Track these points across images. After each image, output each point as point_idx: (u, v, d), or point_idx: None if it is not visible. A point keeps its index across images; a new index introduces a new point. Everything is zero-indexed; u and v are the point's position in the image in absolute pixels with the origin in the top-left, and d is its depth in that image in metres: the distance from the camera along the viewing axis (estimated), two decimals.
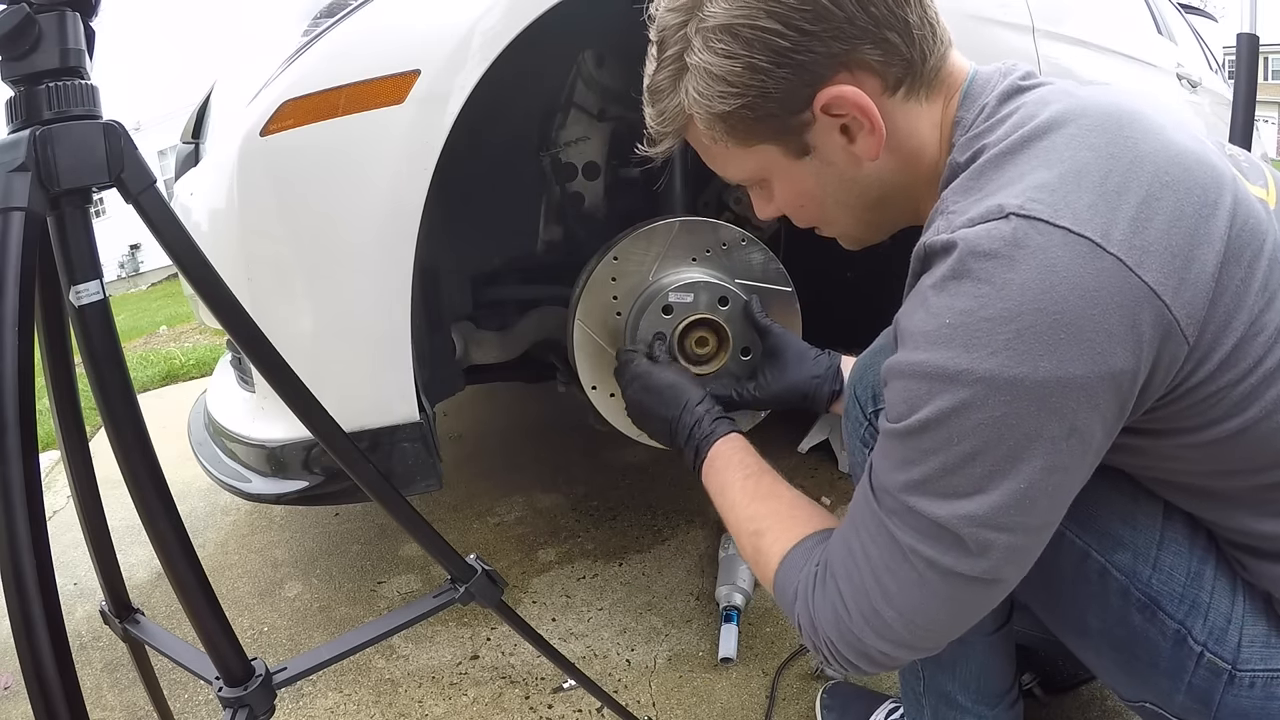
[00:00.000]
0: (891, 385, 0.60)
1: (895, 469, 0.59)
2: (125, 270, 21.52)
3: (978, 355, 0.53)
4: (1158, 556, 0.68)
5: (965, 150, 0.62)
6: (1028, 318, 0.52)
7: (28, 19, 0.54)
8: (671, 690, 1.20)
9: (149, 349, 4.80)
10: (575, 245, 1.42)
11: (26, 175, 0.55)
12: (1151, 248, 0.52)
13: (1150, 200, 0.54)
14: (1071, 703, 1.10)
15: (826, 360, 1.00)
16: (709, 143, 0.69)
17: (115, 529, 0.80)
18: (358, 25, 1.03)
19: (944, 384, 0.54)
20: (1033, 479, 0.54)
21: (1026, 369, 0.52)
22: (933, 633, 0.61)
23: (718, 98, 0.64)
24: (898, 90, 0.64)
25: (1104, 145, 0.56)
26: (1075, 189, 0.54)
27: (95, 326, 0.61)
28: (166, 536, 0.65)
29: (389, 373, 1.07)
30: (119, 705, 1.26)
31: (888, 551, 0.59)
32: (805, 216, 0.74)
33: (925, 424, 0.56)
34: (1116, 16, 1.88)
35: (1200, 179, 0.56)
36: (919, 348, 0.56)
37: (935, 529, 0.56)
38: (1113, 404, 0.54)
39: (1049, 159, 0.56)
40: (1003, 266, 0.52)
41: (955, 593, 0.58)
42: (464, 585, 0.84)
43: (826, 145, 0.66)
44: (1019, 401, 0.52)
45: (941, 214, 0.60)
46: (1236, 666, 0.65)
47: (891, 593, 0.59)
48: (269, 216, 1.02)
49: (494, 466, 2.11)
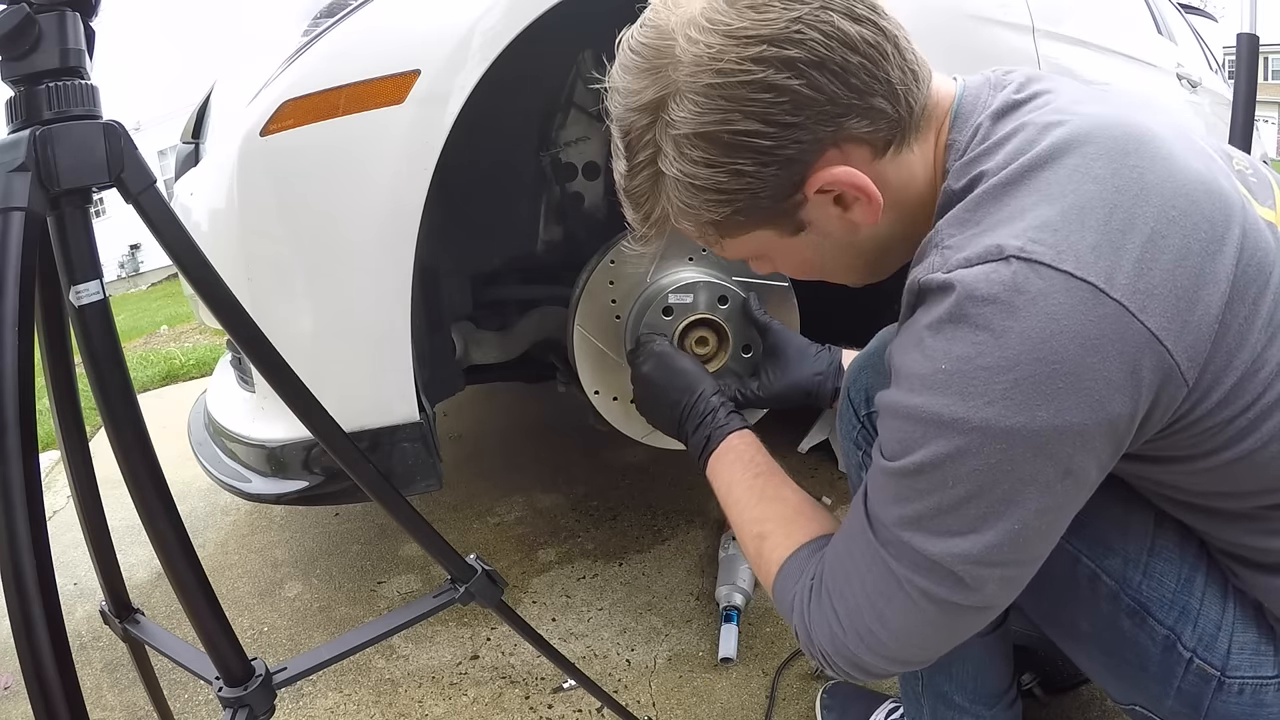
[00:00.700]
0: (886, 423, 0.59)
1: (890, 503, 0.58)
2: (125, 270, 21.52)
3: (974, 404, 0.52)
4: (1148, 563, 0.67)
5: (961, 176, 0.59)
6: (1026, 367, 0.50)
7: (28, 19, 0.54)
8: (671, 690, 1.20)
9: (149, 349, 4.80)
10: (575, 245, 1.42)
11: (26, 175, 0.55)
12: (1156, 291, 0.51)
13: (1155, 239, 0.52)
14: (1071, 703, 1.10)
15: (828, 356, 1.00)
16: (700, 238, 0.68)
17: (115, 529, 0.80)
18: (358, 25, 1.03)
19: (939, 430, 0.54)
20: (1026, 520, 0.54)
21: (1023, 418, 0.51)
22: (925, 650, 0.62)
23: (705, 208, 0.61)
24: (887, 150, 0.61)
25: (1109, 176, 0.53)
26: (1079, 228, 0.52)
27: (95, 326, 0.61)
28: (166, 536, 0.65)
29: (389, 373, 1.07)
30: (119, 705, 1.26)
31: (882, 579, 0.59)
32: (808, 276, 0.73)
33: (920, 467, 0.55)
34: (1116, 16, 1.88)
35: (1208, 212, 0.53)
36: (914, 390, 0.55)
37: (929, 564, 0.56)
38: (1108, 446, 0.54)
39: (1051, 192, 0.53)
40: (1002, 313, 0.51)
41: (948, 619, 0.58)
42: (464, 585, 0.84)
43: (821, 219, 0.64)
44: (1015, 449, 0.52)
45: (936, 248, 0.57)
46: (1225, 673, 0.65)
47: (885, 616, 0.59)
48: (269, 216, 1.02)
49: (494, 466, 2.11)
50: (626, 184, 0.65)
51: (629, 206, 0.67)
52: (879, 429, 0.60)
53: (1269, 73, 25.85)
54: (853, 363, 0.89)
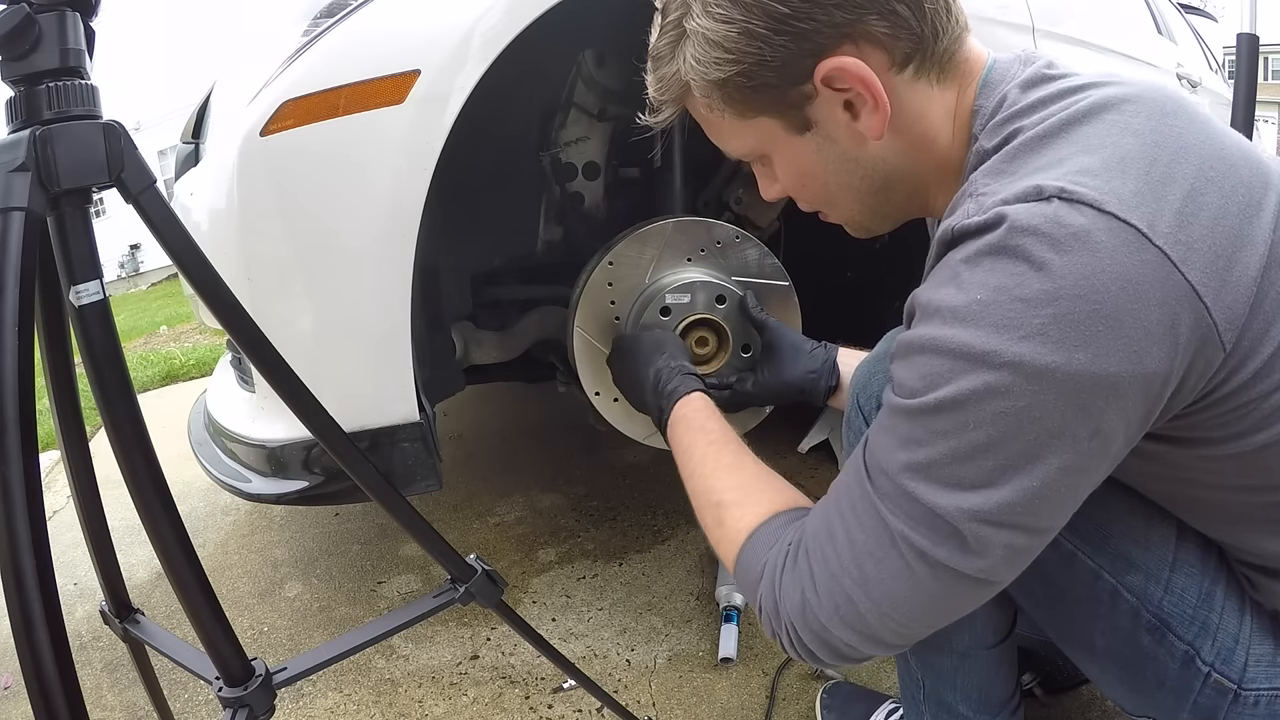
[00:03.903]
0: (907, 360, 0.55)
1: (898, 448, 0.54)
2: (125, 270, 21.52)
3: (1009, 338, 0.48)
4: (1170, 578, 0.66)
5: (994, 135, 0.58)
6: (1066, 303, 0.47)
7: (28, 19, 0.54)
8: (671, 690, 1.20)
9: (149, 349, 4.81)
10: (575, 245, 1.42)
11: (26, 175, 0.55)
12: (1196, 244, 0.49)
13: (1194, 194, 0.50)
14: (1071, 703, 1.10)
15: (823, 354, 0.99)
16: (707, 113, 0.66)
17: (115, 529, 0.80)
18: (358, 25, 1.03)
19: (968, 364, 0.50)
20: (1047, 478, 0.50)
21: (1060, 358, 0.48)
22: (906, 629, 0.57)
23: (713, 64, 0.61)
24: (906, 67, 0.60)
25: (1148, 132, 0.52)
26: (1120, 175, 0.50)
27: (95, 326, 0.61)
28: (166, 536, 0.65)
29: (389, 373, 1.07)
30: (119, 705, 1.26)
31: (874, 535, 0.55)
32: (808, 197, 0.71)
33: (941, 404, 0.51)
34: (1116, 16, 1.88)
35: (1245, 177, 0.52)
36: (945, 322, 0.52)
37: (932, 518, 0.52)
38: (1140, 407, 0.51)
39: (1090, 144, 0.52)
40: (1044, 245, 0.48)
41: (942, 588, 0.54)
42: (464, 585, 0.84)
43: (829, 121, 0.62)
44: (1046, 393, 0.48)
45: (970, 196, 0.56)
46: (1242, 686, 0.65)
47: (871, 581, 0.55)
48: (269, 216, 1.02)
49: (494, 466, 2.11)
50: (653, 46, 0.66)
51: (650, 70, 0.68)
52: (894, 371, 0.56)
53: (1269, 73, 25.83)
54: (860, 367, 0.87)
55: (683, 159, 1.30)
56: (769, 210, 1.46)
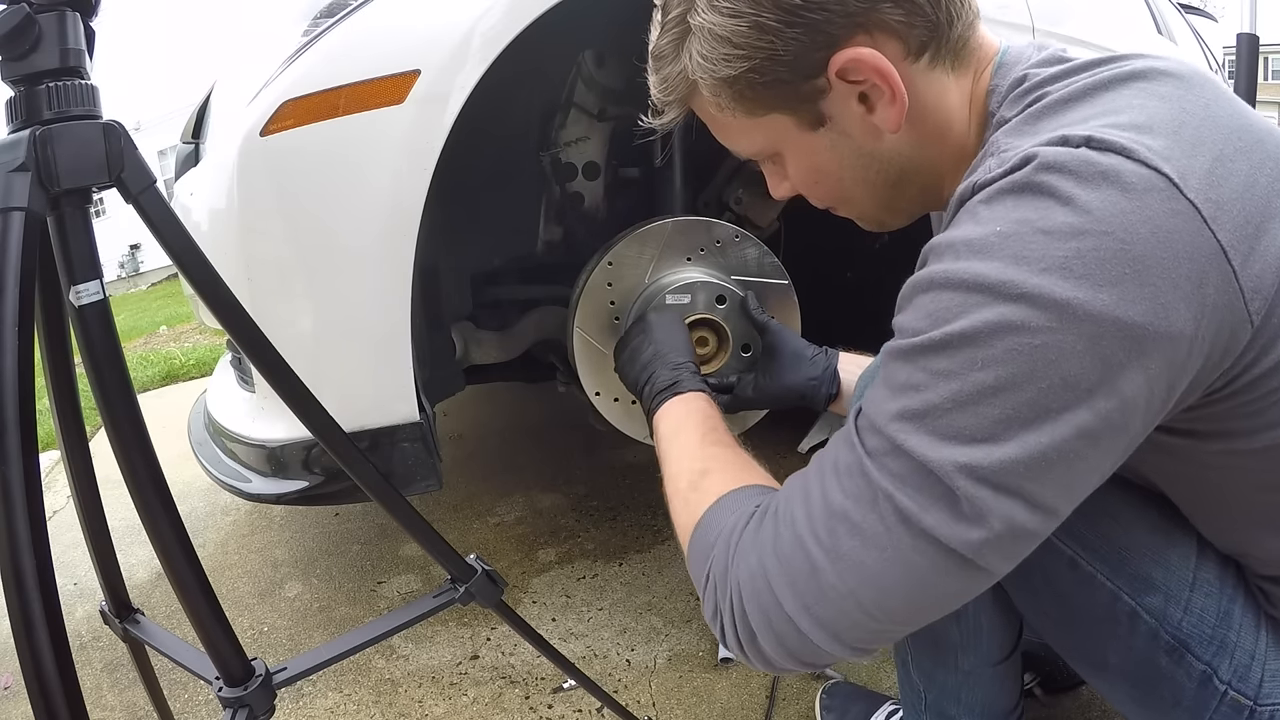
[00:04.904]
0: (911, 303, 0.50)
1: (892, 396, 0.49)
2: (125, 270, 21.52)
3: (1027, 269, 0.45)
4: (1190, 599, 0.64)
5: (1016, 104, 0.56)
6: (1092, 238, 0.44)
7: (28, 19, 0.54)
8: (671, 690, 1.20)
9: (149, 349, 4.81)
10: (575, 245, 1.42)
11: (26, 175, 0.55)
12: (1226, 205, 0.46)
13: (1224, 159, 0.48)
14: (1071, 703, 1.10)
15: (824, 360, 0.99)
16: (715, 112, 0.64)
17: (115, 529, 0.80)
18: (358, 25, 1.03)
19: (982, 296, 0.46)
20: (1057, 438, 0.45)
21: (1083, 294, 0.44)
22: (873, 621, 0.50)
23: (722, 61, 0.58)
24: (922, 56, 0.58)
25: (1176, 99, 0.50)
26: (1149, 131, 0.47)
27: (95, 326, 0.61)
28: (166, 536, 0.65)
29: (389, 372, 1.07)
30: (119, 705, 1.26)
31: (854, 496, 0.49)
32: (821, 194, 0.68)
33: (948, 339, 0.47)
34: (1116, 16, 1.88)
35: (1273, 151, 0.50)
36: (958, 256, 0.48)
37: (923, 474, 0.47)
38: (1163, 377, 0.46)
39: (1116, 106, 0.50)
40: (1072, 181, 0.45)
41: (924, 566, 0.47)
42: (464, 585, 0.84)
43: (843, 115, 0.60)
44: (1066, 332, 0.44)
45: (992, 155, 0.53)
46: (1258, 702, 0.64)
47: (840, 549, 0.49)
48: (269, 216, 1.02)
49: (494, 466, 2.11)
50: (654, 45, 0.64)
51: (653, 70, 0.65)
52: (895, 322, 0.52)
53: (1269, 73, 25.84)
54: (863, 376, 0.86)
55: (683, 159, 1.30)
56: (769, 210, 1.46)
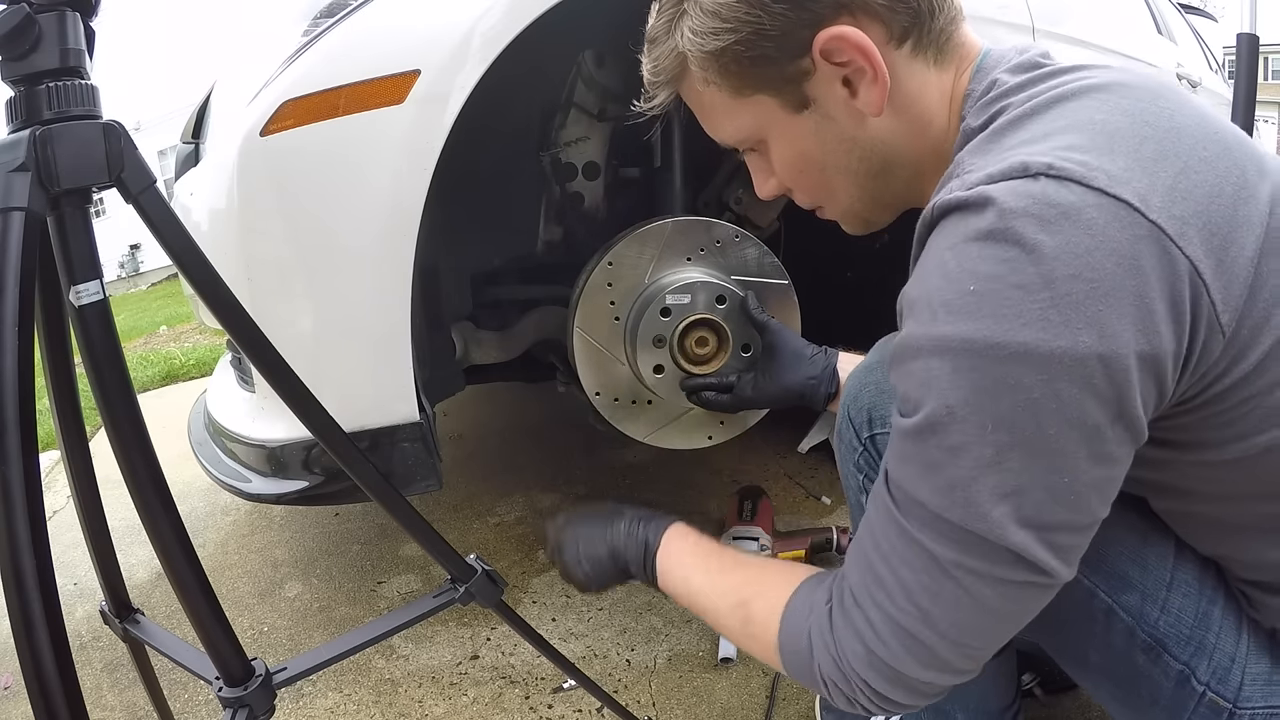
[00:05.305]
0: (905, 367, 0.52)
1: (920, 475, 0.52)
2: (125, 270, 21.52)
3: (1009, 327, 0.46)
4: (1166, 599, 0.65)
5: (981, 114, 0.58)
6: (1064, 285, 0.45)
7: (28, 19, 0.54)
8: (671, 690, 1.20)
9: (149, 349, 4.81)
10: (575, 245, 1.42)
11: (26, 175, 0.55)
12: (1192, 220, 0.47)
13: (1188, 172, 0.48)
14: (1071, 703, 1.10)
15: (823, 360, 0.99)
16: (703, 88, 0.65)
17: (115, 529, 0.80)
18: (358, 25, 1.03)
19: (971, 361, 0.47)
20: (1078, 472, 0.48)
21: (1065, 342, 0.45)
22: (982, 650, 0.56)
23: (710, 35, 0.60)
24: (904, 43, 0.60)
25: (1139, 112, 0.51)
26: (1108, 151, 0.48)
27: (95, 326, 0.61)
28: (166, 536, 0.65)
29: (389, 372, 1.07)
30: (119, 705, 1.26)
31: (924, 570, 0.52)
32: (805, 185, 0.70)
33: (951, 413, 0.48)
34: (1116, 16, 1.88)
35: (1239, 159, 0.51)
36: (937, 319, 0.49)
37: (976, 539, 0.50)
38: (1152, 388, 0.48)
39: (1078, 119, 0.51)
40: (1034, 227, 0.46)
41: (1008, 602, 0.52)
42: (464, 585, 0.84)
43: (827, 98, 0.62)
44: (1058, 380, 0.46)
45: (955, 176, 0.54)
46: (1237, 705, 0.64)
47: (934, 616, 0.53)
48: (269, 216, 1.02)
49: (494, 466, 2.11)
50: (651, 27, 0.67)
51: (647, 51, 0.68)
52: (895, 383, 0.54)
53: (1269, 73, 25.82)
54: (852, 377, 0.86)
55: (683, 159, 1.30)
56: (769, 210, 1.46)
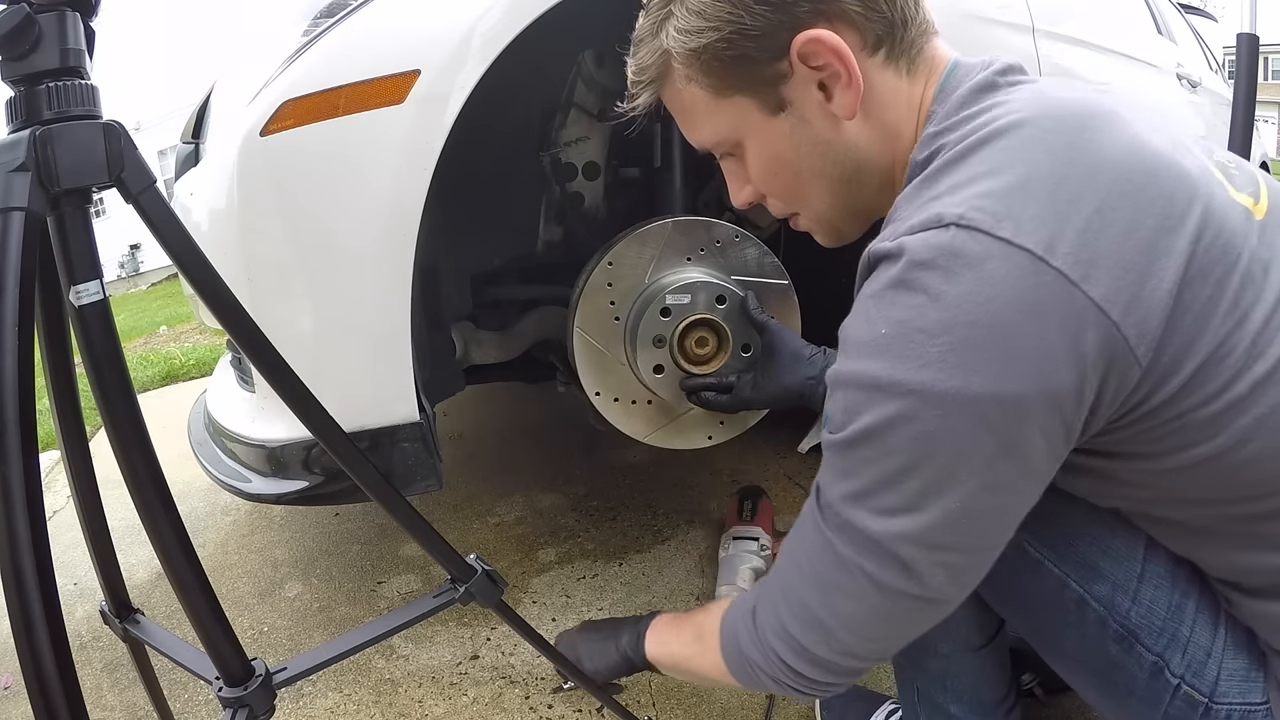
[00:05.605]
0: (832, 395, 0.59)
1: (835, 480, 0.58)
2: (125, 270, 21.51)
3: (910, 367, 0.51)
4: (1138, 589, 0.66)
5: (925, 148, 0.61)
6: (961, 330, 0.50)
7: (28, 19, 0.54)
8: (671, 690, 1.20)
9: (149, 349, 4.81)
10: (575, 245, 1.42)
11: (26, 175, 0.55)
12: (1101, 261, 0.50)
13: (1105, 210, 0.51)
14: (1071, 703, 1.10)
15: (822, 360, 1.00)
16: (684, 86, 0.68)
17: (115, 529, 0.80)
18: (358, 25, 1.03)
19: (877, 394, 0.53)
20: (967, 498, 0.53)
21: (958, 383, 0.50)
22: (881, 643, 0.62)
23: (694, 32, 0.63)
24: (878, 51, 0.63)
25: (1062, 149, 0.53)
26: (1022, 197, 0.51)
27: (95, 326, 0.61)
28: (166, 536, 0.65)
29: (389, 372, 1.07)
30: (119, 705, 1.26)
31: (831, 566, 0.59)
32: (779, 189, 0.72)
33: (862, 435, 0.55)
34: (1116, 16, 1.88)
35: (1166, 188, 0.53)
36: (856, 356, 0.56)
37: (873, 545, 0.56)
38: (1055, 424, 0.52)
39: (1000, 161, 0.54)
40: (939, 277, 0.51)
41: (896, 609, 0.58)
42: (464, 585, 0.84)
43: (803, 101, 0.64)
44: (951, 417, 0.51)
45: (891, 221, 0.59)
46: (1214, 699, 0.64)
47: (835, 606, 0.60)
48: (269, 216, 1.02)
49: (494, 466, 2.11)
50: (639, 27, 0.69)
51: (633, 52, 0.70)
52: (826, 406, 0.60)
53: (1269, 73, 25.85)
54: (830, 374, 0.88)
55: (683, 159, 1.30)
56: (769, 210, 1.46)
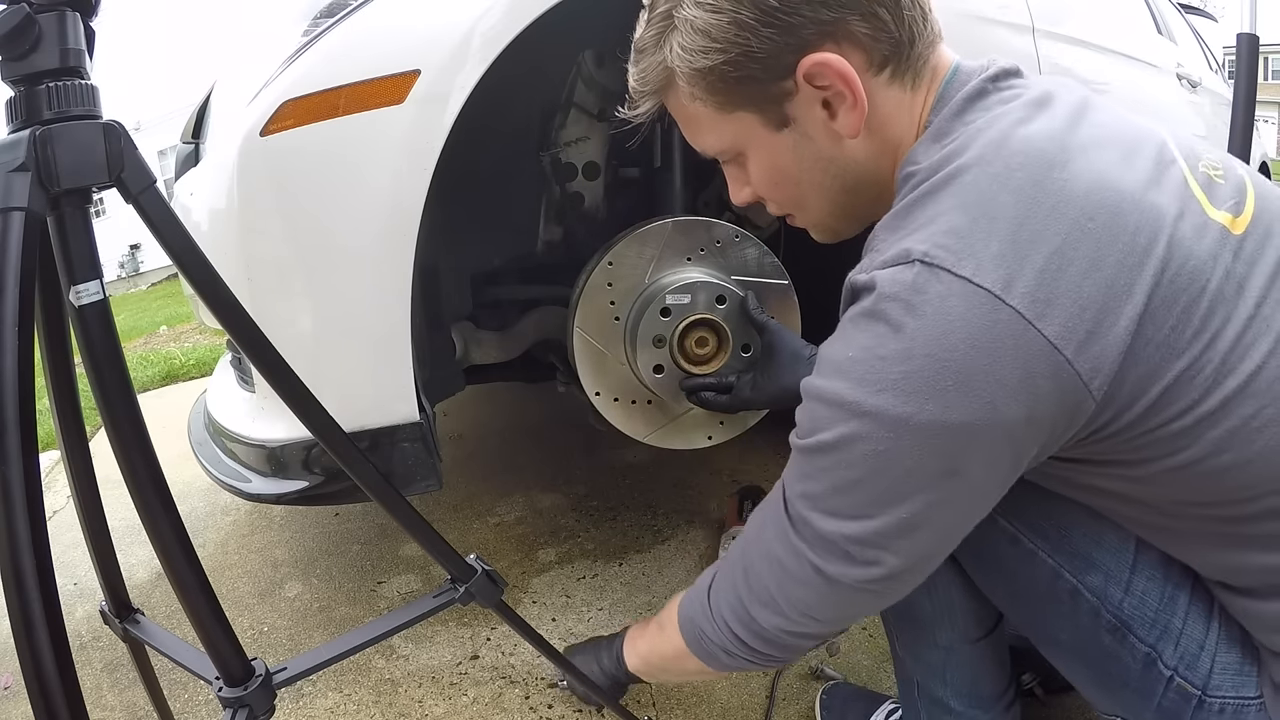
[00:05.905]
0: (802, 405, 0.63)
1: (797, 479, 0.63)
2: (125, 270, 21.51)
3: (868, 390, 0.55)
4: (1130, 580, 0.67)
5: (907, 164, 0.63)
6: (917, 361, 0.53)
7: (28, 19, 0.54)
8: (671, 690, 1.20)
9: (149, 349, 4.80)
10: (575, 245, 1.42)
11: (26, 175, 0.55)
12: (1058, 300, 0.52)
13: (1065, 250, 0.53)
14: (1071, 702, 1.10)
15: None
16: (688, 102, 0.68)
17: (115, 529, 0.80)
18: (358, 25, 1.03)
19: (839, 412, 0.57)
20: (914, 510, 0.57)
21: (910, 409, 0.54)
22: (825, 624, 0.66)
23: (700, 52, 0.63)
24: (883, 70, 0.63)
25: (1028, 187, 0.54)
26: (985, 236, 0.53)
27: (95, 326, 0.61)
28: (166, 536, 0.65)
29: (389, 372, 1.07)
30: (119, 705, 1.26)
31: (785, 549, 0.64)
32: (779, 197, 0.73)
33: (821, 446, 0.59)
34: (1116, 16, 1.88)
35: (1130, 224, 0.54)
36: (826, 375, 0.59)
37: (823, 540, 0.61)
38: (1004, 450, 0.55)
39: (967, 199, 0.55)
40: (902, 310, 0.54)
41: (840, 596, 0.63)
42: (464, 585, 0.84)
43: (807, 119, 0.65)
44: (901, 440, 0.54)
45: (870, 251, 0.61)
46: (1206, 692, 0.65)
47: (784, 584, 0.64)
48: (269, 216, 1.02)
49: (494, 466, 2.11)
50: (638, 39, 0.69)
51: (633, 61, 0.70)
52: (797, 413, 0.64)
53: (1269, 73, 25.84)
54: None
55: (683, 159, 1.30)
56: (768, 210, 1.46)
